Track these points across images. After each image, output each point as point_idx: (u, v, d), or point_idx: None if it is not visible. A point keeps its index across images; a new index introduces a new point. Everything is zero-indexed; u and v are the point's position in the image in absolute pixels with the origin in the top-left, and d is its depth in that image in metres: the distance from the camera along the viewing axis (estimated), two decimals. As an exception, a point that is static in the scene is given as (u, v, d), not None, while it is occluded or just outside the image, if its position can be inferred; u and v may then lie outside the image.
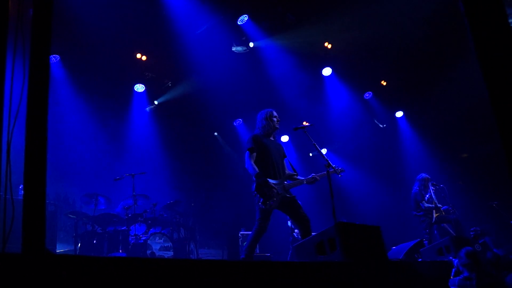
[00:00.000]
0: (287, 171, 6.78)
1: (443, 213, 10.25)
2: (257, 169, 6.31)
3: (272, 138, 6.88)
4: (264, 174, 6.31)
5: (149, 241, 9.19)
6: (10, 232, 2.35)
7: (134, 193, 9.75)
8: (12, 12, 2.34)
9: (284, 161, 6.87)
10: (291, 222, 11.06)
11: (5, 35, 2.31)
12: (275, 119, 6.85)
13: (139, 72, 12.40)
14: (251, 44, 12.43)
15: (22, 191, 7.90)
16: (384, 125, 15.23)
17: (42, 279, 2.00)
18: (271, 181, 6.31)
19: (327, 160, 6.46)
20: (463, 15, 1.72)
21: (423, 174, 10.76)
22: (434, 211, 10.25)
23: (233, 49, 12.06)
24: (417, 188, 10.64)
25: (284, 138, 14.48)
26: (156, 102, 13.17)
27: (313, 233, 5.95)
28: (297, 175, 6.79)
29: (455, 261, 5.79)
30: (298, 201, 6.56)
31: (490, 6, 1.68)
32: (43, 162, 2.29)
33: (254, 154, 6.49)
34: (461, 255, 5.62)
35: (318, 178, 6.68)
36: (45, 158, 2.31)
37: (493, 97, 1.63)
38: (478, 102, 11.78)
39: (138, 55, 11.89)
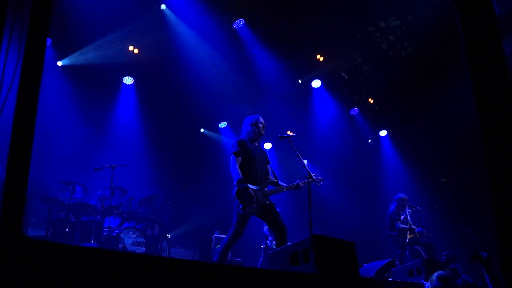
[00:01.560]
0: (270, 178, 6.80)
1: (417, 235, 10.31)
2: (241, 174, 6.32)
3: (256, 144, 6.91)
4: (245, 179, 6.32)
5: (122, 235, 9.13)
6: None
7: (112, 185, 9.69)
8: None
9: (268, 167, 6.89)
10: (267, 229, 11.07)
11: (4, 15, 2.30)
12: (261, 125, 6.89)
13: (129, 65, 12.32)
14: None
15: (1, 172, 7.81)
16: (370, 140, 15.36)
17: (17, 262, 1.98)
18: (251, 186, 6.32)
19: (309, 171, 6.49)
20: (463, 46, 1.76)
21: (401, 194, 10.81)
22: (408, 232, 10.30)
23: None
24: (394, 207, 10.69)
25: (267, 145, 14.49)
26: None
27: (288, 243, 5.96)
28: (278, 182, 6.82)
29: (426, 284, 5.83)
30: (277, 209, 6.57)
31: (490, 39, 1.71)
32: (29, 144, 2.28)
33: (239, 158, 6.51)
34: (433, 278, 5.66)
35: (302, 185, 6.71)
36: (31, 141, 2.29)
37: (484, 128, 1.65)
38: (461, 129, 11.95)
39: (131, 48, 11.83)
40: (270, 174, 6.88)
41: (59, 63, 11.37)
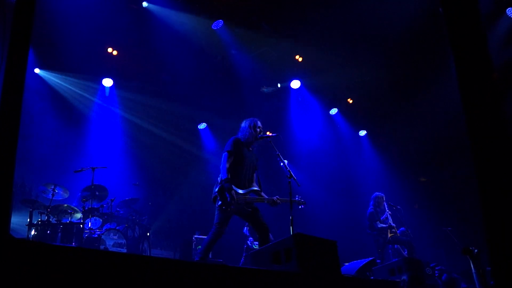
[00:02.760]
0: (253, 185, 6.76)
1: (397, 234, 10.40)
2: (228, 174, 6.32)
3: (250, 148, 6.87)
4: (231, 180, 6.32)
5: (103, 236, 9.11)
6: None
7: (92, 187, 9.65)
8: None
9: (254, 174, 6.87)
10: (248, 230, 11.10)
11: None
12: (258, 129, 6.87)
13: (108, 66, 12.26)
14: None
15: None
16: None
17: (7, 263, 1.99)
18: (236, 189, 6.32)
19: (290, 171, 6.50)
20: (449, 45, 1.81)
21: (377, 193, 10.88)
22: (388, 231, 10.38)
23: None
24: (372, 207, 10.76)
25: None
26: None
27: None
28: (261, 191, 6.79)
29: None
30: (259, 210, 6.59)
31: (476, 37, 1.77)
32: (13, 148, 2.28)
33: (232, 157, 6.50)
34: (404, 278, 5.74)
35: (279, 202, 6.72)
36: (15, 145, 2.30)
37: (470, 125, 1.71)
38: (440, 129, 12.07)
39: (110, 49, 11.79)
40: (255, 181, 6.87)
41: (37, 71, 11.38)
